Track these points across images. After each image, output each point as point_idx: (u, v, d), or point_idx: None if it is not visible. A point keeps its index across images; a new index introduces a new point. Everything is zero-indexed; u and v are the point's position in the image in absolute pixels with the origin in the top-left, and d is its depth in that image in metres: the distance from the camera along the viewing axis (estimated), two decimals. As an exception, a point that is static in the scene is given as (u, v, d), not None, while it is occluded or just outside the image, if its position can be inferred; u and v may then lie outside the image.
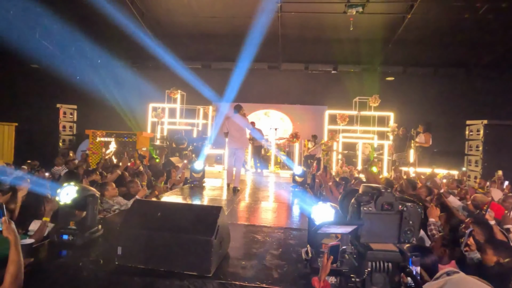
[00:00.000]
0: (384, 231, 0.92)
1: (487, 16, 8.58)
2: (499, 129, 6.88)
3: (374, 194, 0.92)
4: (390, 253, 0.91)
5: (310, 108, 12.24)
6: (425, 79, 11.85)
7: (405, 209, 0.92)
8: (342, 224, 0.94)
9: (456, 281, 0.86)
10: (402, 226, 0.91)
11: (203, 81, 11.40)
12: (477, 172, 6.94)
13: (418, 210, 0.92)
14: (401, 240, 0.93)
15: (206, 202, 4.92)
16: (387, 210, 0.91)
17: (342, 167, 9.28)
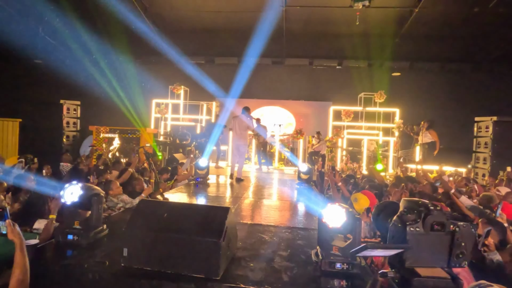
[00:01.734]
0: (432, 254, 0.83)
1: (498, 9, 8.35)
2: (509, 126, 6.73)
3: (422, 212, 0.82)
4: (441, 281, 0.81)
5: (315, 104, 12.13)
6: (432, 75, 11.65)
7: (457, 229, 0.82)
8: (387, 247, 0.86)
9: None
10: (454, 248, 0.82)
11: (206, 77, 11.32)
12: (486, 169, 6.82)
13: (472, 230, 0.83)
14: (452, 265, 0.84)
15: (211, 199, 4.88)
16: (437, 230, 0.81)
17: (346, 163, 9.19)
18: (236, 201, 4.58)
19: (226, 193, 5.46)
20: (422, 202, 0.84)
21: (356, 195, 3.30)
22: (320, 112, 11.66)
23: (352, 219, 2.25)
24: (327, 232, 2.25)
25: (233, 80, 11.36)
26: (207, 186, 5.79)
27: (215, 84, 10.97)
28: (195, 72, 11.66)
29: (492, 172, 6.43)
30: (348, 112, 10.51)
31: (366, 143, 9.58)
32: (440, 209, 0.81)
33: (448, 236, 0.81)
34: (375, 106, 10.50)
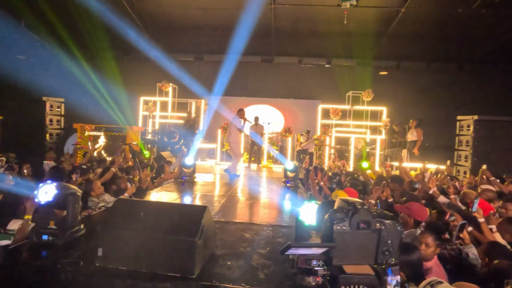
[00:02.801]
0: (359, 252, 0.86)
1: (480, 10, 8.55)
2: (490, 124, 6.93)
3: (350, 211, 0.85)
4: (365, 277, 0.85)
5: (304, 102, 12.19)
6: (418, 74, 11.86)
7: (383, 227, 0.85)
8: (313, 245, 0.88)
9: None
10: (380, 246, 0.85)
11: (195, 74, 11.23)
12: (467, 167, 7.01)
13: (398, 228, 0.86)
14: (378, 261, 0.87)
15: (197, 198, 4.86)
16: (363, 229, 0.84)
17: (334, 161, 9.29)
18: (221, 200, 4.57)
19: (212, 192, 5.45)
20: (352, 202, 0.87)
21: (336, 192, 3.35)
22: (309, 111, 11.73)
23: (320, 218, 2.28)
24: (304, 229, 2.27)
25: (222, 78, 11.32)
26: (194, 185, 5.77)
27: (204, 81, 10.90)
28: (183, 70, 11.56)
29: (473, 170, 6.61)
30: (336, 111, 10.59)
31: (354, 141, 9.69)
32: (367, 208, 0.84)
33: (375, 234, 0.84)
34: (363, 105, 10.61)
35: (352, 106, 10.69)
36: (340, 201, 0.92)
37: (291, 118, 11.92)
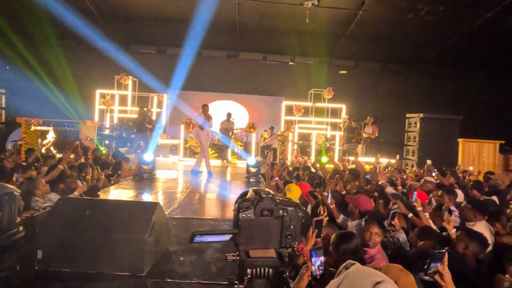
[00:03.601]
0: (264, 237, 0.93)
1: (427, 17, 9.31)
2: (433, 122, 7.63)
3: (255, 200, 0.91)
4: (268, 260, 0.92)
5: (268, 98, 12.35)
6: (375, 74, 12.61)
7: (285, 214, 0.92)
8: (216, 232, 0.93)
9: (352, 273, 0.90)
10: (283, 231, 0.92)
11: (157, 67, 10.82)
12: (414, 161, 7.67)
13: (299, 214, 0.94)
14: (282, 245, 0.94)
15: (155, 195, 4.73)
16: (266, 216, 0.91)
17: (297, 157, 9.56)
18: (180, 196, 4.50)
19: (172, 189, 5.33)
20: (258, 191, 0.93)
21: (289, 186, 3.46)
22: (273, 107, 11.92)
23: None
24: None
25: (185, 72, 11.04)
26: (153, 182, 5.59)
27: (166, 75, 10.55)
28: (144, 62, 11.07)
29: (419, 163, 7.25)
30: (299, 107, 10.90)
31: (315, 137, 10.05)
32: (272, 197, 0.91)
33: (278, 220, 0.91)
34: (324, 102, 11.04)
35: (314, 103, 11.07)
36: (251, 191, 0.97)
37: (256, 114, 12.02)
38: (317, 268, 1.30)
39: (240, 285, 0.92)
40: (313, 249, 1.32)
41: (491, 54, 11.00)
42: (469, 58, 11.49)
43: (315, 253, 1.31)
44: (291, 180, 4.98)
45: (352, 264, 0.93)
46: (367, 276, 0.87)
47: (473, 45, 10.43)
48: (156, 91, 10.41)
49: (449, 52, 10.97)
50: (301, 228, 0.94)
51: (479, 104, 11.34)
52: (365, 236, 2.43)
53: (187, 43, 9.34)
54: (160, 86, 10.20)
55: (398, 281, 1.62)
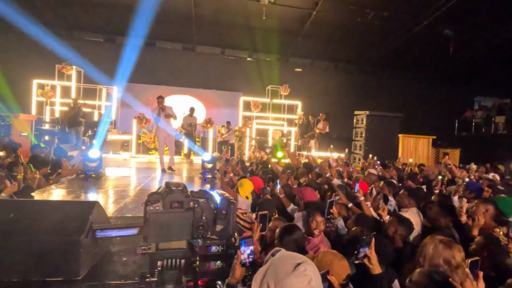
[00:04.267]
0: (175, 229, 0.95)
1: (374, 21, 10.00)
2: (378, 119, 8.30)
3: (165, 193, 0.93)
4: (178, 251, 0.94)
5: (226, 94, 12.26)
6: (328, 73, 13.24)
7: (196, 206, 0.96)
8: (121, 227, 0.92)
9: (276, 259, 0.95)
10: (195, 222, 0.95)
11: (106, 57, 10.08)
12: (360, 155, 8.28)
13: (211, 206, 0.98)
14: (195, 236, 0.97)
15: (99, 194, 4.43)
16: (176, 208, 0.93)
17: (254, 152, 9.67)
18: (129, 195, 4.28)
19: (121, 187, 5.05)
20: (169, 184, 0.96)
21: (241, 181, 3.50)
22: (231, 102, 11.89)
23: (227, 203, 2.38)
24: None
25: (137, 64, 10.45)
26: (100, 180, 5.24)
27: (116, 66, 9.88)
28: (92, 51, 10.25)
29: (365, 157, 7.84)
30: (256, 103, 11.04)
31: (272, 132, 10.28)
32: (182, 189, 0.94)
33: (189, 212, 0.95)
34: (281, 99, 11.32)
35: (271, 100, 11.29)
36: (164, 184, 0.99)
37: (213, 109, 11.87)
38: (247, 256, 1.37)
39: (152, 278, 0.92)
40: (242, 238, 1.38)
41: (427, 57, 12.24)
42: (409, 61, 12.64)
43: (244, 242, 1.38)
44: (245, 175, 5.04)
45: (278, 251, 0.98)
46: (289, 259, 0.93)
47: (412, 49, 11.49)
48: (104, 83, 9.70)
49: (392, 55, 11.94)
50: (214, 219, 0.96)
51: (416, 103, 12.59)
52: (310, 226, 2.57)
53: (138, 32, 8.83)
54: (109, 78, 9.53)
55: (332, 265, 1.75)
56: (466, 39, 10.52)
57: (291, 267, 0.91)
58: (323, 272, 1.66)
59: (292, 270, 0.91)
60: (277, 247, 2.24)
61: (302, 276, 0.90)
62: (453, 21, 9.85)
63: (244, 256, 1.37)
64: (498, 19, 9.81)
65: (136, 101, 9.58)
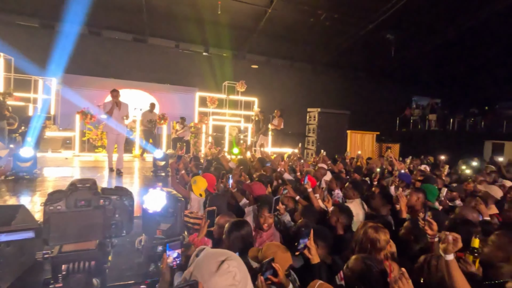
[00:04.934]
0: (82, 229, 0.90)
1: (325, 22, 10.48)
2: (328, 116, 8.75)
3: (69, 191, 0.87)
4: (85, 253, 0.90)
5: (181, 89, 11.87)
6: (284, 70, 13.56)
7: (107, 203, 0.92)
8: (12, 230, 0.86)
9: (200, 259, 0.94)
10: (106, 220, 0.91)
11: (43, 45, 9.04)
12: (313, 150, 8.67)
13: (125, 203, 0.95)
14: (107, 236, 0.94)
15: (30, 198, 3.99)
16: (83, 206, 0.88)
17: (211, 149, 9.54)
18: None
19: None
20: (75, 182, 0.92)
21: (195, 178, 3.43)
22: (186, 98, 11.55)
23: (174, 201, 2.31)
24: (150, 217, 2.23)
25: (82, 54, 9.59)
26: (33, 182, 4.72)
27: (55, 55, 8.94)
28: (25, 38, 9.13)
29: (317, 152, 8.23)
30: (213, 99, 10.86)
31: (229, 129, 10.22)
32: (90, 186, 0.90)
33: (99, 211, 0.91)
34: (238, 95, 11.30)
35: (228, 96, 11.22)
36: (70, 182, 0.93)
37: (167, 105, 11.41)
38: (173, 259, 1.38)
39: (56, 284, 0.84)
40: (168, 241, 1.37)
41: (372, 59, 13.22)
42: (357, 62, 13.53)
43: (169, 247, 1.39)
44: (198, 172, 4.95)
45: (201, 250, 0.97)
46: (212, 258, 0.93)
47: (359, 50, 12.31)
48: (40, 74, 8.71)
49: (342, 55, 12.66)
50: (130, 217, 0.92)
51: (362, 101, 13.55)
52: (259, 220, 2.61)
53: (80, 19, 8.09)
54: (47, 68, 8.59)
55: (276, 257, 1.81)
56: (404, 44, 11.58)
57: (214, 267, 0.91)
58: (268, 259, 1.71)
59: (216, 269, 0.91)
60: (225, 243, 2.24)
61: (226, 273, 0.90)
62: (394, 27, 10.77)
63: (170, 260, 1.36)
64: (431, 28, 10.98)
65: (79, 94, 8.77)
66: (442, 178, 5.16)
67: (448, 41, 11.43)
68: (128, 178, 5.89)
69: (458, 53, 12.42)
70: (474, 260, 1.78)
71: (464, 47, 11.83)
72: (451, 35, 11.15)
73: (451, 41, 11.42)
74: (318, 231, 2.11)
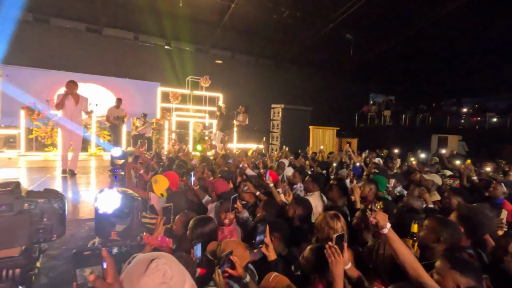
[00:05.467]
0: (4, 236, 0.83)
1: (288, 20, 10.66)
2: (291, 112, 8.97)
3: None
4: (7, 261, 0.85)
5: (141, 83, 11.34)
6: (249, 66, 13.58)
7: (33, 207, 0.86)
8: None
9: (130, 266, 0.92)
10: (33, 225, 0.86)
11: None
12: (277, 145, 8.84)
13: (54, 205, 0.90)
14: (34, 241, 0.89)
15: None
16: (4, 211, 0.82)
17: (174, 145, 9.28)
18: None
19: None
20: None
21: (156, 177, 3.31)
22: (147, 93, 11.07)
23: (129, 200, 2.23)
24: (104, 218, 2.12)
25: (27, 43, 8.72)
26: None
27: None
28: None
29: (281, 147, 8.41)
30: (176, 94, 10.56)
31: (193, 125, 10.02)
32: (11, 190, 0.85)
33: (23, 215, 0.86)
34: (202, 90, 11.10)
35: (192, 91, 10.97)
36: None
37: (126, 100, 10.79)
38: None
39: None
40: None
41: (333, 57, 13.76)
42: (318, 59, 13.99)
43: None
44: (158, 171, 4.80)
45: (134, 257, 0.95)
46: (141, 261, 0.90)
47: (321, 48, 12.73)
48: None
49: (304, 53, 12.99)
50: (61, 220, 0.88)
51: (324, 98, 14.09)
52: (220, 216, 2.62)
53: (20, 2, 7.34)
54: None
55: (234, 253, 1.84)
56: (362, 44, 12.21)
57: (143, 269, 0.88)
58: (226, 253, 1.72)
59: (144, 270, 0.88)
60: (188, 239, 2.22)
61: (154, 272, 0.88)
62: (352, 27, 11.29)
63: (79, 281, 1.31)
64: (386, 29, 11.69)
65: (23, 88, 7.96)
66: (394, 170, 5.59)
67: (400, 42, 12.27)
68: (83, 178, 5.53)
69: (410, 53, 13.41)
70: (413, 244, 1.95)
71: (415, 48, 12.80)
72: (403, 36, 11.98)
73: (404, 42, 12.28)
74: (275, 224, 2.17)
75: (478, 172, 6.40)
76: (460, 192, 3.53)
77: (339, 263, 1.53)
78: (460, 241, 2.02)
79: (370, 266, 1.91)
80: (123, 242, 2.08)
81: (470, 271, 1.43)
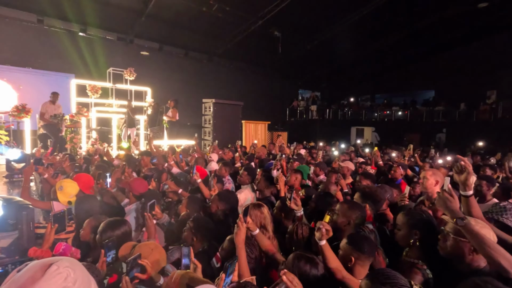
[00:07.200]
0: None
1: (218, 14, 10.50)
2: (222, 106, 8.94)
3: None
4: None
5: (49, 74, 9.84)
6: (179, 59, 13.00)
7: None
8: None
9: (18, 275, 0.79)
10: None
11: None
12: (209, 141, 8.73)
13: None
14: None
15: None
16: None
17: (94, 145, 8.36)
18: None
19: None
20: None
21: (61, 183, 2.86)
22: (58, 86, 9.61)
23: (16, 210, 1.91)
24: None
25: None
26: None
27: None
28: None
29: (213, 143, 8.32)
30: (95, 88, 9.46)
31: (117, 122, 9.15)
32: None
33: None
34: (126, 84, 10.19)
35: (114, 84, 9.99)
36: None
37: (29, 94, 9.25)
38: None
39: None
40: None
41: (263, 54, 14.15)
42: (249, 55, 14.22)
43: None
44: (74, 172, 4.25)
45: (26, 265, 0.82)
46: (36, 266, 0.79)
47: (251, 44, 12.95)
48: None
49: (235, 48, 13.03)
50: None
51: (255, 93, 14.46)
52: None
53: None
54: None
55: (149, 257, 1.73)
56: (289, 41, 12.83)
57: (39, 274, 0.78)
58: (133, 257, 1.61)
59: (41, 275, 0.78)
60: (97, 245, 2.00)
61: (54, 276, 0.78)
62: (280, 24, 11.75)
63: None
64: (312, 28, 12.49)
65: None
66: (317, 160, 6.07)
67: (324, 41, 13.28)
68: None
69: (331, 53, 14.67)
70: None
71: (337, 46, 14.04)
72: (325, 36, 13.00)
73: (324, 42, 13.34)
74: (197, 223, 2.15)
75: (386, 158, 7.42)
76: (369, 175, 4.07)
77: (240, 230, 1.77)
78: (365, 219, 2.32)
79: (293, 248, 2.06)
80: (10, 260, 1.78)
81: (361, 246, 1.65)
